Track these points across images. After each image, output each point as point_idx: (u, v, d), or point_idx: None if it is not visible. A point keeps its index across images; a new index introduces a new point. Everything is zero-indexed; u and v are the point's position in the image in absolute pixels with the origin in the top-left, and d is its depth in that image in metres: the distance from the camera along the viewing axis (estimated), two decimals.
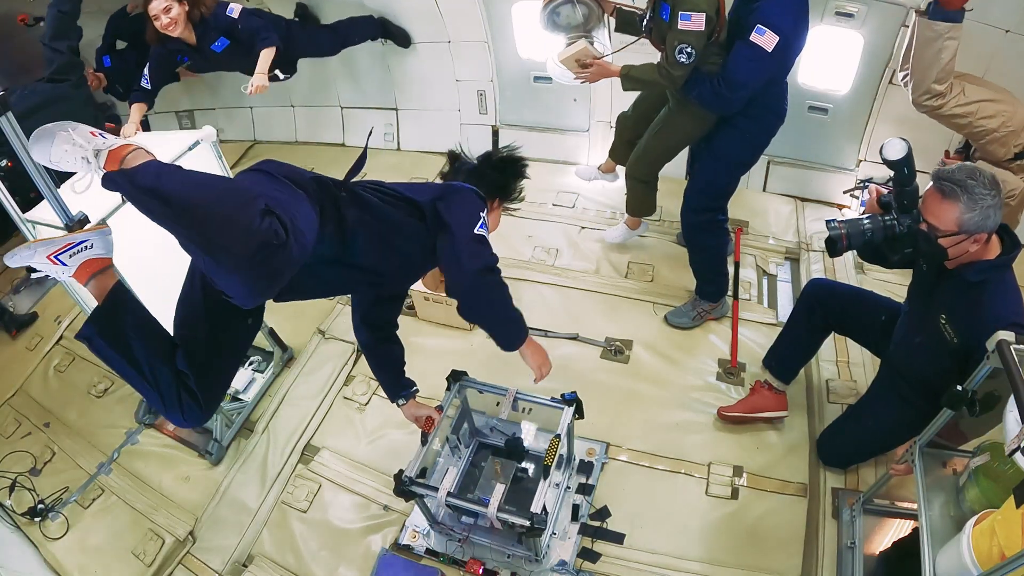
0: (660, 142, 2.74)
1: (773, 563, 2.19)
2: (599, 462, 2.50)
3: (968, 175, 1.62)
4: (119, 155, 1.41)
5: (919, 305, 1.95)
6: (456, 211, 1.72)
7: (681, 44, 2.18)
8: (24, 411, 3.23)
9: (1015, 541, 1.26)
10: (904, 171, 1.76)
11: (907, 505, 2.14)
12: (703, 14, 2.11)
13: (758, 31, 2.11)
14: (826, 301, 2.31)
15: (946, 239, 1.67)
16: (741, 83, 2.24)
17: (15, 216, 2.21)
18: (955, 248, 1.69)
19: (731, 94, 2.27)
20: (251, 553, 2.48)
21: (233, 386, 2.99)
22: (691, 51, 2.19)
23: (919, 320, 1.93)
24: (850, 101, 3.24)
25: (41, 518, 2.67)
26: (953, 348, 1.77)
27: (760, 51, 2.13)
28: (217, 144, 2.47)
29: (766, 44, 2.12)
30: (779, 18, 2.11)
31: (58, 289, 3.67)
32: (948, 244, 1.68)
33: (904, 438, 2.15)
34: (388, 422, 2.80)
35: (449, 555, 2.29)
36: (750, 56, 2.16)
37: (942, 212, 1.65)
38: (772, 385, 2.50)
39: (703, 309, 2.96)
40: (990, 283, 1.71)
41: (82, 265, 1.55)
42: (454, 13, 3.72)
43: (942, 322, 1.79)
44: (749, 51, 2.15)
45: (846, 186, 3.48)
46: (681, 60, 2.21)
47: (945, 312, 1.79)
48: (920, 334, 1.92)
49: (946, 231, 1.66)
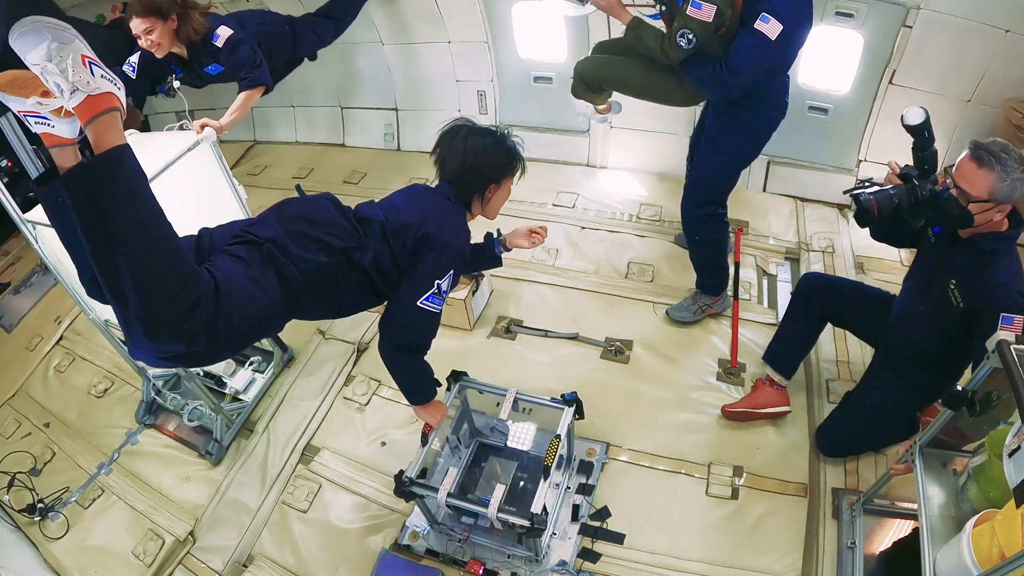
0: (625, 68, 2.57)
1: (773, 563, 2.19)
2: (599, 462, 2.50)
3: (1002, 149, 1.72)
4: (95, 107, 1.13)
5: (926, 274, 2.04)
6: (417, 274, 1.72)
7: (684, 29, 2.17)
8: (24, 411, 3.23)
9: (1015, 541, 1.26)
10: (924, 135, 1.88)
11: (907, 505, 2.13)
12: (714, 6, 2.11)
13: (763, 19, 2.11)
14: (822, 292, 2.40)
15: (975, 205, 1.76)
16: (744, 69, 2.22)
17: (15, 216, 2.21)
18: (981, 215, 1.78)
19: (732, 80, 2.25)
20: (251, 553, 2.48)
21: (233, 386, 3.00)
22: (692, 38, 2.18)
23: (924, 288, 2.03)
24: (850, 101, 3.24)
25: (41, 518, 2.67)
26: (958, 312, 1.88)
27: (764, 38, 2.13)
28: (217, 144, 2.47)
29: (770, 32, 2.12)
30: (784, 7, 2.12)
31: (58, 289, 3.67)
32: (976, 211, 1.77)
33: (902, 417, 2.22)
34: (388, 422, 2.80)
35: (449, 555, 2.29)
36: (753, 43, 2.16)
37: (976, 179, 1.73)
38: (774, 380, 2.52)
39: (704, 303, 2.96)
40: (1001, 253, 1.83)
41: (97, 96, 1.14)
42: (454, 13, 3.72)
43: (951, 287, 1.89)
44: (753, 38, 2.15)
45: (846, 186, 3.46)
46: (680, 44, 2.20)
47: (955, 277, 1.89)
48: (924, 302, 2.02)
49: (977, 197, 1.74)
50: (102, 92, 1.14)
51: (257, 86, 2.69)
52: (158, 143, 2.52)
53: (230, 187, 2.55)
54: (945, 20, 2.80)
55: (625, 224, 3.56)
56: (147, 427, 2.98)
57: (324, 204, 1.75)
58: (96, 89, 1.13)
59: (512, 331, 3.08)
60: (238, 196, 2.59)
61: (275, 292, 1.55)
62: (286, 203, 1.74)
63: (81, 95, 1.11)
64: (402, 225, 1.73)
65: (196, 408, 2.87)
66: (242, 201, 2.62)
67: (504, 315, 3.16)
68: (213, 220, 2.54)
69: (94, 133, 1.15)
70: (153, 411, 3.02)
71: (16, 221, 2.22)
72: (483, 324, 3.13)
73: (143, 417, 2.99)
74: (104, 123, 1.15)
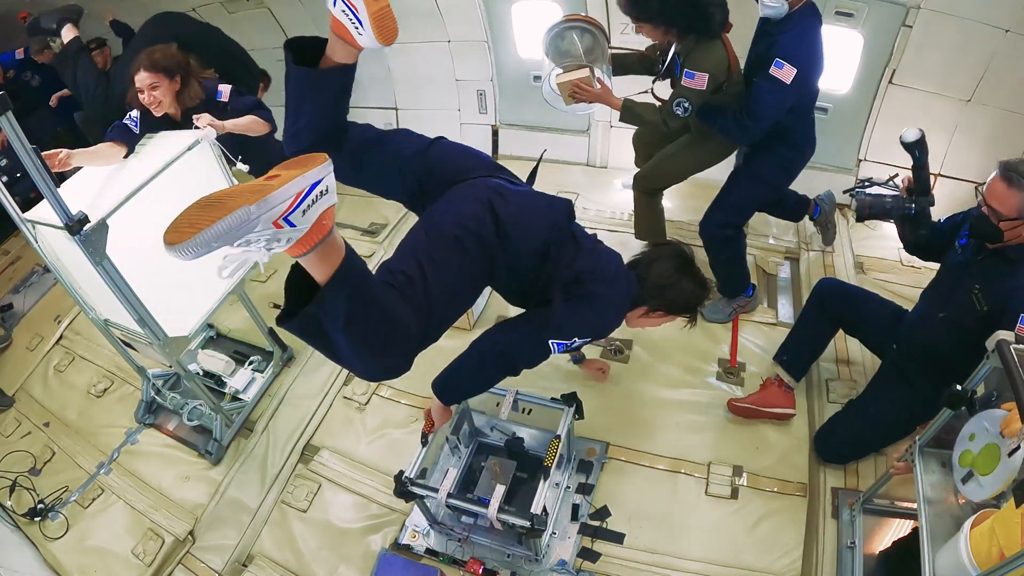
0: (673, 164, 2.82)
1: (773, 563, 2.19)
2: (599, 462, 2.50)
3: None
4: (313, 238, 1.06)
5: (948, 283, 2.10)
6: (568, 318, 1.71)
7: (680, 99, 2.34)
8: (24, 411, 3.23)
9: (1014, 541, 1.26)
10: (916, 153, 2.06)
11: (907, 505, 2.14)
12: (706, 75, 2.27)
13: (777, 64, 2.22)
14: (837, 298, 2.44)
15: (1006, 223, 1.82)
16: (763, 115, 2.35)
17: (15, 216, 2.21)
18: (1011, 232, 1.84)
19: (753, 125, 2.38)
20: (251, 553, 2.48)
21: (233, 386, 3.00)
22: (688, 106, 2.34)
23: (945, 296, 2.08)
24: (850, 101, 3.25)
25: (41, 518, 2.67)
26: (981, 316, 1.93)
27: (779, 84, 2.25)
28: (216, 144, 2.46)
29: (785, 77, 2.23)
30: (795, 51, 2.22)
31: (58, 289, 3.67)
32: (1006, 227, 1.83)
33: (904, 429, 2.22)
34: (388, 422, 2.80)
35: (449, 555, 2.29)
36: (770, 89, 2.27)
37: (1007, 199, 1.79)
38: (783, 381, 2.54)
39: (738, 305, 3.01)
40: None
41: (315, 224, 1.05)
42: (454, 13, 3.72)
43: (975, 292, 1.95)
44: (770, 84, 2.26)
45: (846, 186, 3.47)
46: (677, 112, 2.36)
47: (980, 283, 1.94)
48: (946, 308, 2.07)
49: (1007, 216, 1.80)
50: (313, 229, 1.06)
51: (265, 120, 2.71)
52: (158, 142, 2.52)
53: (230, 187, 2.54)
54: (945, 20, 2.80)
55: (625, 224, 3.55)
56: (147, 427, 2.97)
57: (562, 207, 1.75)
58: (303, 230, 1.04)
59: None
60: None
61: (480, 285, 1.64)
62: (527, 199, 1.69)
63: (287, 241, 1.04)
64: (587, 269, 1.73)
65: (196, 408, 2.87)
66: None
67: (504, 315, 3.15)
68: None
69: (322, 261, 1.12)
70: (153, 411, 3.01)
71: (16, 221, 2.21)
72: (483, 324, 3.13)
73: (143, 417, 2.99)
74: (333, 245, 1.12)
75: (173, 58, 2.59)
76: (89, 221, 1.95)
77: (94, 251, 1.99)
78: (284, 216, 0.99)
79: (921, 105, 3.08)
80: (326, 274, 1.13)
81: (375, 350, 1.34)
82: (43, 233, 2.22)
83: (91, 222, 1.95)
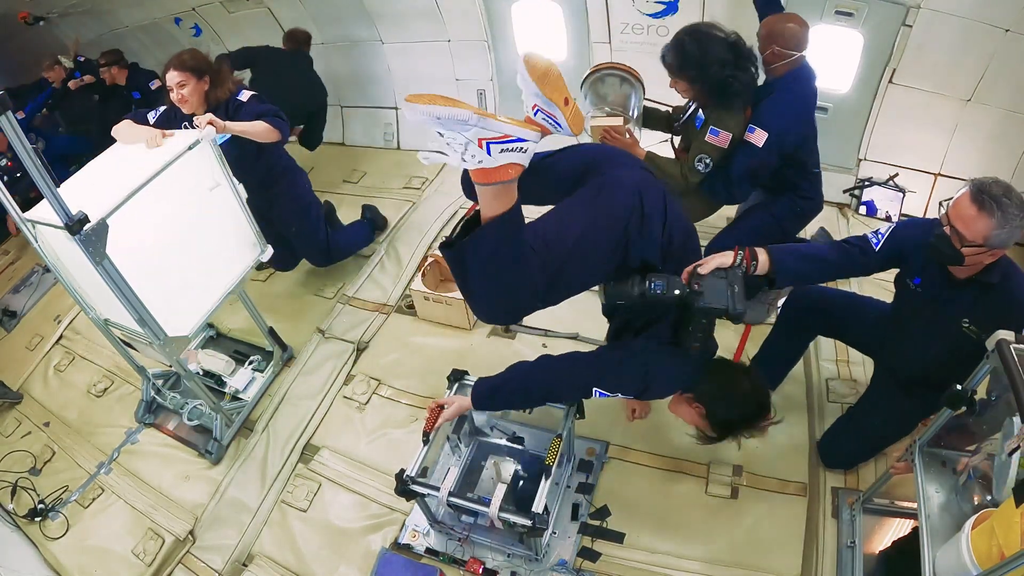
0: None
1: (773, 562, 2.19)
2: (599, 461, 2.50)
3: (1004, 192, 1.58)
4: (495, 176, 1.31)
5: (926, 319, 1.91)
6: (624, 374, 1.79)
7: (702, 154, 2.42)
8: (24, 411, 3.23)
9: (1014, 541, 1.26)
10: None
11: (907, 504, 2.14)
12: (730, 135, 2.36)
13: (750, 129, 2.36)
14: (813, 308, 2.34)
15: (968, 248, 1.64)
16: (739, 176, 2.43)
17: (15, 216, 2.21)
18: (972, 258, 1.67)
19: (734, 187, 2.48)
20: (251, 552, 2.48)
21: (233, 385, 3.00)
22: (708, 162, 2.42)
23: (930, 331, 1.90)
24: (850, 100, 3.25)
25: (41, 518, 2.67)
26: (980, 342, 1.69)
27: (752, 147, 2.36)
28: (217, 143, 2.46)
29: (756, 140, 2.35)
30: (769, 117, 2.33)
31: (58, 289, 3.68)
32: (968, 253, 1.65)
33: (908, 428, 2.17)
34: (388, 422, 2.80)
35: (449, 554, 2.29)
36: (745, 152, 2.38)
37: (974, 224, 1.60)
38: None
39: (770, 300, 2.98)
40: (1006, 277, 1.72)
41: (503, 166, 1.30)
42: (454, 13, 3.72)
43: (965, 326, 1.78)
44: (745, 148, 2.38)
45: (846, 185, 3.48)
46: (699, 168, 2.44)
47: (967, 317, 1.78)
48: (935, 344, 1.90)
49: (971, 241, 1.62)
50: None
51: (276, 128, 2.70)
52: None
53: (230, 186, 2.55)
54: (945, 19, 2.80)
55: None
56: (147, 426, 2.98)
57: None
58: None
59: (512, 330, 3.08)
60: (238, 195, 2.59)
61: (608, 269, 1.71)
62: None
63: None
64: None
65: (196, 407, 2.87)
66: (242, 200, 2.62)
67: None
68: (213, 219, 2.58)
69: (495, 198, 1.37)
70: (153, 410, 3.02)
71: (16, 221, 2.21)
72: (483, 323, 3.13)
73: (143, 416, 2.99)
74: (510, 190, 1.37)
75: (202, 60, 2.66)
76: (89, 221, 1.94)
77: (94, 251, 1.99)
78: (488, 141, 1.24)
79: (921, 104, 3.08)
80: (493, 213, 1.37)
81: (498, 293, 1.55)
82: (43, 233, 2.21)
83: (91, 222, 1.95)
